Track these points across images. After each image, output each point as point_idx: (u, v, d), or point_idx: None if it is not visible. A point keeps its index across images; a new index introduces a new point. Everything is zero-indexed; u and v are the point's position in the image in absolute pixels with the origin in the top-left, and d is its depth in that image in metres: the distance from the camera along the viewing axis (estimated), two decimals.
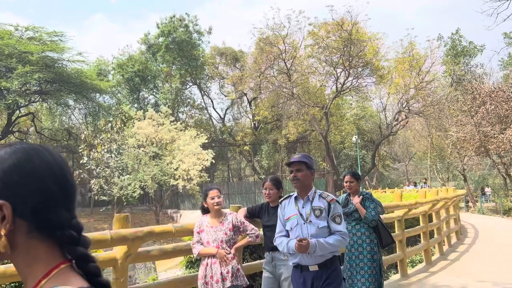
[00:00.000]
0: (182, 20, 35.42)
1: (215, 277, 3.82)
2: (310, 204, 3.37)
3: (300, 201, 3.42)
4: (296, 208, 3.40)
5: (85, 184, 29.64)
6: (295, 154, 3.86)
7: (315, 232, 3.29)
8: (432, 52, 27.80)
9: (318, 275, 3.29)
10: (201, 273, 3.90)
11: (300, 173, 3.39)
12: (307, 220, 3.33)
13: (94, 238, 3.37)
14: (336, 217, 3.34)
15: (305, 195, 3.41)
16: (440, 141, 31.15)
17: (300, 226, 3.34)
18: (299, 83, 28.24)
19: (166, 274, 10.15)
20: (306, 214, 3.34)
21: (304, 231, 3.32)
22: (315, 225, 3.31)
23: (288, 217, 3.43)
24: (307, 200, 3.40)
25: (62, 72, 27.69)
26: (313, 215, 3.33)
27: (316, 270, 3.28)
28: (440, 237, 10.12)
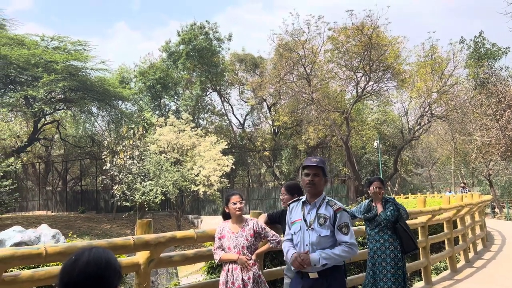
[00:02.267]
0: (203, 28, 35.81)
1: (236, 283, 3.82)
2: (316, 210, 3.25)
3: (307, 206, 3.31)
4: (301, 213, 3.31)
5: (108, 190, 30.12)
6: (310, 156, 3.81)
7: (316, 241, 3.17)
8: (455, 55, 27.37)
9: (318, 283, 3.17)
10: (223, 279, 3.90)
11: (317, 178, 3.28)
12: (309, 227, 3.22)
13: (117, 243, 3.43)
14: (343, 227, 3.19)
15: (313, 201, 3.30)
16: (464, 145, 30.54)
17: (303, 232, 3.23)
18: (319, 88, 28.13)
19: (187, 279, 10.21)
20: (310, 220, 3.24)
21: (305, 238, 3.21)
22: (317, 233, 3.18)
23: (293, 221, 3.35)
24: (313, 206, 3.28)
25: (86, 80, 28.33)
26: (317, 223, 3.20)
27: (316, 278, 3.17)
28: (465, 243, 9.89)
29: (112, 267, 1.52)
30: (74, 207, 33.39)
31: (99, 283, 1.47)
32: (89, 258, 1.49)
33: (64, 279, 1.46)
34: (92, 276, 1.46)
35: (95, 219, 28.09)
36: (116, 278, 1.52)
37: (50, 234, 13.93)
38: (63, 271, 1.48)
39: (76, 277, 1.45)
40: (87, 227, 25.23)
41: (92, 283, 1.46)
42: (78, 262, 1.47)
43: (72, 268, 1.46)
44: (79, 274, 1.45)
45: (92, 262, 1.48)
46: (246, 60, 38.06)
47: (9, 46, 26.15)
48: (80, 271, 1.46)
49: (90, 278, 1.46)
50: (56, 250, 3.09)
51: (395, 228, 4.72)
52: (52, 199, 35.16)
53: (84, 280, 1.45)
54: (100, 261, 1.50)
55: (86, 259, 1.49)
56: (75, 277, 1.45)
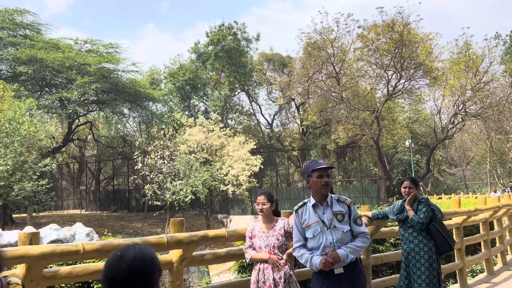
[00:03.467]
0: (231, 28, 35.99)
1: (267, 283, 3.82)
2: (330, 209, 3.33)
3: (319, 208, 3.37)
4: (316, 215, 3.35)
5: (139, 189, 30.71)
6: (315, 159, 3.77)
7: (341, 237, 3.26)
8: (490, 51, 26.51)
9: (343, 278, 3.22)
10: (254, 278, 3.91)
11: (329, 179, 3.38)
12: (330, 226, 3.29)
13: (151, 241, 3.50)
14: (357, 219, 3.35)
15: (324, 201, 3.37)
16: (501, 144, 29.56)
17: (324, 233, 3.29)
18: (348, 86, 27.79)
19: (218, 278, 10.29)
20: (328, 219, 3.30)
21: (328, 237, 3.27)
22: (340, 230, 3.27)
23: (308, 224, 3.37)
24: (326, 206, 3.35)
25: (118, 82, 28.99)
26: (336, 220, 3.29)
27: (341, 273, 3.22)
28: (503, 246, 9.56)
29: (155, 264, 1.56)
30: (106, 206, 34.17)
31: (144, 279, 1.51)
32: (135, 254, 1.52)
33: (111, 274, 1.50)
34: (138, 272, 1.50)
35: (127, 218, 28.67)
36: (158, 275, 1.56)
37: (84, 232, 14.34)
38: (109, 266, 1.52)
39: (123, 273, 1.48)
40: (119, 225, 25.78)
41: (138, 278, 1.50)
42: (124, 258, 1.51)
43: (119, 264, 1.50)
44: (125, 269, 1.49)
45: (138, 258, 1.52)
46: (274, 59, 38.02)
47: (44, 50, 27.07)
48: (127, 267, 1.49)
49: (136, 273, 1.50)
50: (93, 247, 3.18)
51: (428, 229, 4.61)
52: (85, 198, 36.11)
53: (130, 276, 1.49)
54: (145, 257, 1.54)
55: (132, 255, 1.52)
56: (121, 273, 1.48)
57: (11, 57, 26.97)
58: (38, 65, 26.26)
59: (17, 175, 20.05)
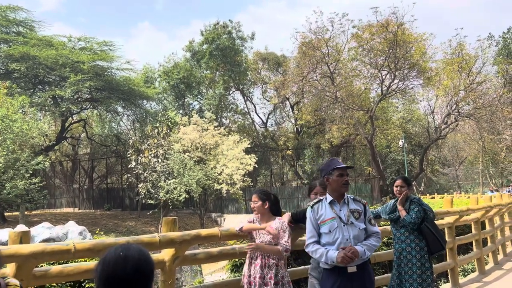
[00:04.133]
0: (226, 27, 35.94)
1: (256, 279, 3.82)
2: (347, 207, 3.45)
3: (336, 205, 3.47)
4: (333, 212, 3.43)
5: (133, 188, 30.60)
6: (334, 158, 3.86)
7: (357, 234, 3.36)
8: (483, 52, 26.69)
9: (356, 276, 3.30)
10: (247, 272, 3.91)
11: (348, 178, 3.53)
12: (348, 222, 3.38)
13: (144, 240, 3.48)
14: (371, 219, 3.50)
15: (341, 199, 3.48)
16: (493, 144, 29.76)
17: (340, 229, 3.37)
18: (342, 86, 27.86)
19: (211, 277, 10.28)
20: (345, 216, 3.40)
21: (345, 233, 3.35)
22: (357, 227, 3.38)
23: (324, 220, 3.44)
24: (343, 204, 3.47)
25: (111, 80, 28.85)
26: (353, 217, 3.41)
27: (354, 272, 3.30)
28: (494, 245, 9.63)
29: (154, 264, 1.58)
30: (100, 204, 34.04)
31: (147, 279, 1.53)
32: (139, 255, 1.52)
33: (116, 273, 1.48)
34: (144, 272, 1.51)
35: (120, 217, 28.56)
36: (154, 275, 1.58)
37: (77, 230, 14.28)
38: (113, 266, 1.49)
39: (129, 273, 1.48)
40: (113, 224, 25.68)
41: (142, 279, 1.51)
42: (129, 258, 1.50)
43: (125, 264, 1.49)
44: (132, 269, 1.49)
45: (143, 259, 1.53)
46: (269, 59, 38.03)
47: (38, 47, 26.88)
48: (134, 267, 1.49)
49: (142, 274, 1.51)
50: (85, 246, 3.16)
51: (420, 229, 4.63)
52: (79, 196, 35.94)
53: (136, 276, 1.49)
54: (148, 258, 1.56)
55: (137, 255, 1.52)
56: (128, 273, 1.48)
57: (3, 54, 26.76)
58: (31, 62, 26.07)
59: (9, 173, 19.91)
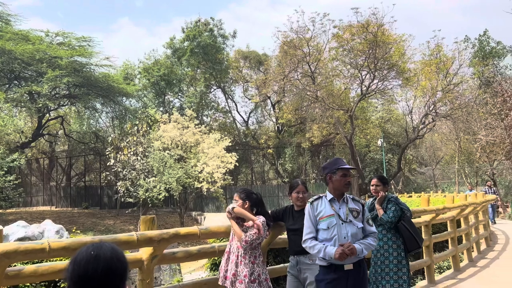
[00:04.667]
0: (207, 24, 35.78)
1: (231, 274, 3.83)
2: (346, 205, 3.54)
3: (335, 203, 3.55)
4: (332, 209, 3.51)
5: (111, 186, 30.20)
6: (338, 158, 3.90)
7: (355, 232, 3.45)
8: (460, 53, 27.23)
9: (352, 273, 3.39)
10: (224, 266, 3.92)
11: (351, 179, 3.68)
12: (346, 220, 3.47)
13: (121, 239, 3.43)
14: (369, 220, 3.60)
15: (341, 198, 3.58)
16: (469, 145, 30.43)
17: (339, 226, 3.45)
18: (323, 86, 28.04)
19: (190, 276, 10.23)
20: (344, 214, 3.48)
21: (343, 231, 3.43)
22: (355, 225, 3.47)
23: (323, 216, 3.51)
24: (343, 202, 3.56)
25: (90, 76, 28.37)
26: (352, 216, 3.50)
27: (350, 269, 3.38)
28: (469, 243, 9.86)
29: (127, 263, 1.55)
30: (78, 202, 33.50)
31: (119, 278, 1.49)
32: (112, 254, 1.49)
33: (87, 273, 1.44)
34: (116, 270, 1.48)
35: (99, 215, 28.18)
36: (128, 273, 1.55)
37: (54, 229, 14.00)
38: (84, 266, 1.46)
39: (101, 273, 1.45)
40: (91, 222, 25.31)
41: (115, 278, 1.47)
42: (101, 258, 1.47)
43: (96, 264, 1.46)
44: (104, 269, 1.46)
45: (115, 258, 1.49)
46: (251, 57, 38.01)
47: (13, 41, 26.22)
48: (106, 267, 1.46)
49: (114, 274, 1.47)
50: (60, 245, 3.10)
51: (397, 227, 4.71)
52: (56, 194, 35.29)
53: (109, 276, 1.46)
54: (121, 257, 1.52)
55: (109, 255, 1.49)
56: (100, 273, 1.44)
57: None
58: (6, 57, 25.42)
59: None
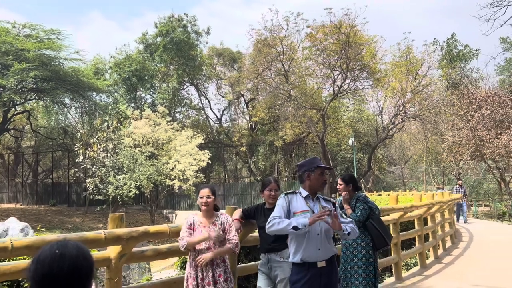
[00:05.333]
0: (181, 20, 35.41)
1: (206, 279, 3.73)
2: (319, 203, 3.61)
3: (310, 200, 3.61)
4: (307, 205, 3.56)
5: (80, 183, 29.53)
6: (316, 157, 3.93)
7: (328, 228, 3.50)
8: (429, 56, 27.94)
9: (325, 271, 3.38)
10: (193, 273, 3.76)
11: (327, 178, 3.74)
12: None
13: (88, 237, 3.35)
14: (342, 215, 3.68)
15: (314, 196, 3.65)
16: (436, 145, 31.25)
17: None
18: (296, 85, 28.24)
19: (160, 274, 10.12)
20: (318, 211, 3.51)
21: (316, 227, 3.46)
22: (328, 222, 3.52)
23: (297, 211, 3.54)
24: (316, 200, 3.63)
25: (59, 70, 27.58)
26: None
27: (323, 266, 3.37)
28: (435, 240, 10.14)
29: (93, 261, 1.50)
30: (44, 200, 32.62)
31: (88, 277, 1.45)
32: (77, 253, 1.44)
33: (52, 272, 1.39)
34: (81, 269, 1.43)
35: (67, 213, 27.53)
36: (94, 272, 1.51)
37: (19, 227, 13.55)
38: (48, 265, 1.40)
39: (67, 272, 1.39)
40: (58, 220, 24.70)
41: (80, 277, 1.42)
42: (66, 256, 1.41)
43: (61, 263, 1.40)
44: (69, 268, 1.40)
45: (81, 256, 1.44)
46: (225, 54, 37.86)
47: None
48: (72, 266, 1.41)
49: (80, 273, 1.43)
50: (23, 243, 3.00)
51: (366, 225, 4.79)
52: (21, 191, 34.25)
53: (74, 275, 1.41)
54: (87, 255, 1.47)
55: (75, 253, 1.43)
56: (65, 272, 1.39)
57: None
58: None
59: None
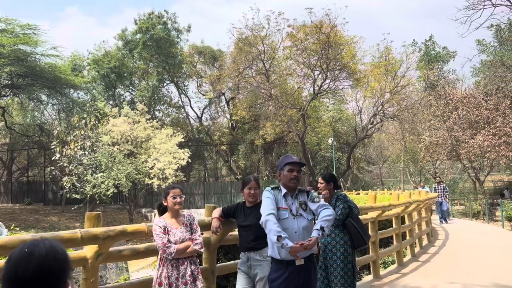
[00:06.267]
0: (161, 17, 35.05)
1: (182, 279, 3.70)
2: (297, 200, 3.61)
3: (288, 198, 3.62)
4: (286, 203, 3.58)
5: (56, 181, 28.95)
6: (288, 154, 3.91)
7: (306, 224, 3.51)
8: (407, 57, 28.38)
9: (303, 269, 3.38)
10: (164, 273, 3.71)
11: (300, 174, 3.68)
12: (296, 214, 3.52)
13: (64, 237, 3.28)
14: (314, 198, 3.63)
15: (293, 193, 3.65)
16: (414, 144, 31.76)
17: (290, 220, 3.50)
18: (277, 84, 28.31)
19: (138, 274, 10.00)
20: (295, 208, 3.55)
21: (294, 225, 3.47)
22: (306, 218, 3.54)
23: (278, 207, 3.56)
24: (295, 197, 3.63)
25: (35, 66, 26.96)
26: (301, 209, 3.56)
27: (301, 264, 3.37)
28: (412, 239, 10.30)
29: (68, 261, 1.44)
30: (19, 198, 31.88)
31: (56, 277, 1.38)
32: (47, 252, 1.38)
33: (18, 273, 1.33)
34: (51, 270, 1.37)
35: (42, 212, 26.97)
36: (69, 272, 1.44)
37: None
38: (15, 264, 1.35)
39: (33, 272, 1.34)
40: (34, 219, 24.19)
41: (49, 277, 1.36)
42: (34, 256, 1.36)
43: (28, 262, 1.35)
44: (36, 268, 1.35)
45: (51, 255, 1.38)
46: (205, 52, 37.64)
47: None
48: (39, 265, 1.35)
49: (48, 272, 1.36)
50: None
51: (345, 224, 4.83)
52: None
53: (42, 275, 1.35)
54: (59, 254, 1.41)
55: (44, 252, 1.38)
56: (31, 272, 1.33)
57: None
58: None
59: None
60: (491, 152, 19.89)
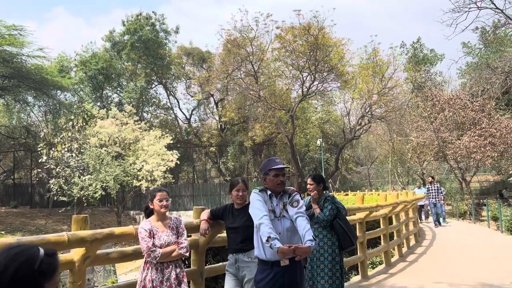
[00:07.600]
0: (149, 19, 34.90)
1: (166, 283, 3.68)
2: (281, 202, 3.60)
3: (274, 199, 3.61)
4: (271, 205, 3.57)
5: (43, 184, 28.63)
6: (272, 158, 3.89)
7: (290, 225, 3.49)
8: (395, 58, 28.67)
9: (288, 269, 3.37)
10: (149, 276, 3.68)
11: (284, 177, 3.67)
12: (279, 216, 3.51)
13: (50, 240, 3.25)
14: (293, 202, 3.55)
15: (278, 195, 3.63)
16: (401, 145, 32.03)
17: (274, 221, 3.48)
18: (266, 85, 28.38)
19: (126, 277, 9.93)
20: (279, 210, 3.54)
21: (278, 227, 3.46)
22: (289, 219, 3.51)
23: None
24: (280, 199, 3.61)
25: (21, 67, 26.64)
26: (285, 211, 3.55)
27: (287, 265, 3.36)
28: (400, 239, 10.38)
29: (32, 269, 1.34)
30: (5, 201, 31.42)
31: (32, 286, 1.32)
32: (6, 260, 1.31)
33: None
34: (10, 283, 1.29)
35: (29, 215, 26.64)
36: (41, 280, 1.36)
37: None
38: None
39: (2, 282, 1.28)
40: (20, 223, 23.87)
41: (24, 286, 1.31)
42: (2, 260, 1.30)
43: None
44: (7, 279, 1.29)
45: (11, 268, 1.30)
46: (194, 54, 37.57)
47: None
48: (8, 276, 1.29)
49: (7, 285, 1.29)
50: None
51: (333, 225, 4.86)
52: None
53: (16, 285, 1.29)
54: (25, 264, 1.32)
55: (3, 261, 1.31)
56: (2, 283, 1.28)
57: None
58: None
59: None
60: (477, 153, 20.14)
